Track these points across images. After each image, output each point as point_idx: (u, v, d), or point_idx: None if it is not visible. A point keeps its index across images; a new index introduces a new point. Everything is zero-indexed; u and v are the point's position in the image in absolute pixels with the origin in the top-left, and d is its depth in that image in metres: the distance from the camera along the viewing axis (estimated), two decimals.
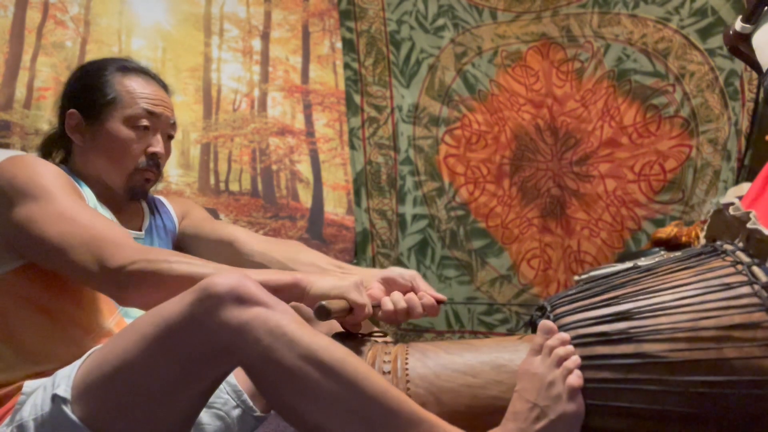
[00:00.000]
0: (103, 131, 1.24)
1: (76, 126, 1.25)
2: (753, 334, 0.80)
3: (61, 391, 0.92)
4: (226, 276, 0.87)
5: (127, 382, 0.89)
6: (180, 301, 0.88)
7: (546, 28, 2.53)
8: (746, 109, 2.30)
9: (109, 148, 1.24)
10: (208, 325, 0.85)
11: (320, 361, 0.84)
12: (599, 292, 0.96)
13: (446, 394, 0.95)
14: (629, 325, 0.87)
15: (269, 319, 0.85)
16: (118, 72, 1.27)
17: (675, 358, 0.82)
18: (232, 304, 0.85)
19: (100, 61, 1.32)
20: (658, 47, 2.40)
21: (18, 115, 2.23)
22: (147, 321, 0.90)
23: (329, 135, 2.67)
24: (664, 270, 0.95)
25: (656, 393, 0.82)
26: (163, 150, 1.28)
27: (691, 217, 2.35)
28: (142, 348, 0.88)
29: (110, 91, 1.24)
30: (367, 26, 2.65)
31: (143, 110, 1.25)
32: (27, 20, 2.31)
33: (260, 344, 0.84)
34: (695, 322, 0.83)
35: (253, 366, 0.87)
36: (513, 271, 2.57)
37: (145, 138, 1.26)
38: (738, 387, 0.79)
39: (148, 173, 1.28)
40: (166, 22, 2.52)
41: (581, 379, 0.87)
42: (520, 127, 2.57)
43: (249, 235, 1.43)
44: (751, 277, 0.85)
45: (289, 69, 2.69)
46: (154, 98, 1.27)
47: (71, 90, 1.29)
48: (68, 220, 1.04)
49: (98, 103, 1.24)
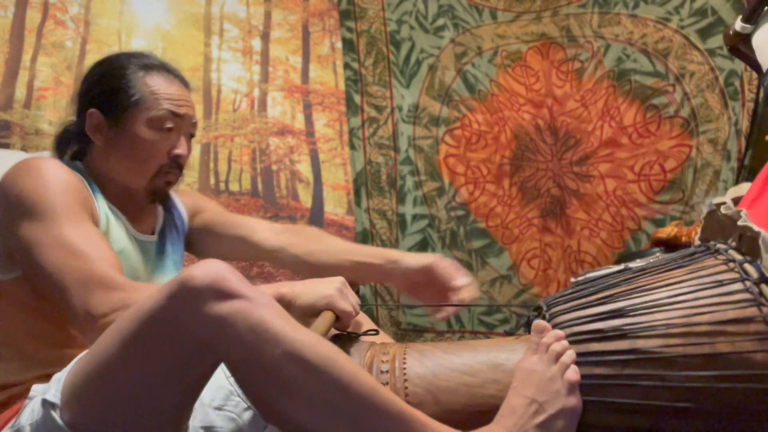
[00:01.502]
0: (126, 133, 1.20)
1: (96, 126, 1.21)
2: (746, 328, 0.81)
3: (51, 396, 0.89)
4: (205, 267, 0.83)
5: (110, 383, 0.86)
6: (158, 296, 0.84)
7: (546, 28, 2.53)
8: (746, 109, 2.30)
9: (131, 151, 1.20)
10: (187, 320, 0.81)
11: (304, 360, 0.80)
12: (594, 291, 0.97)
13: (444, 393, 0.95)
14: (624, 322, 0.88)
15: (251, 314, 0.81)
16: (140, 70, 1.22)
17: (669, 353, 0.82)
18: (212, 298, 0.81)
19: (121, 57, 1.26)
20: (658, 47, 2.40)
21: (18, 115, 2.24)
22: (126, 318, 0.87)
23: (329, 135, 2.68)
24: (657, 269, 0.97)
25: (651, 388, 0.82)
26: (186, 152, 1.25)
27: (691, 217, 2.35)
28: (122, 347, 0.85)
29: (133, 91, 1.20)
30: (367, 26, 2.65)
31: (168, 112, 1.21)
32: (27, 20, 2.32)
33: (241, 341, 0.80)
34: (689, 318, 0.84)
35: (234, 363, 0.84)
36: (513, 271, 2.57)
37: (169, 139, 1.22)
38: (732, 381, 0.79)
39: (170, 176, 1.24)
40: (166, 22, 2.53)
41: (578, 374, 0.86)
42: (520, 127, 2.57)
43: (266, 229, 1.41)
44: (743, 273, 0.86)
45: (289, 69, 2.69)
46: (178, 98, 1.23)
47: (91, 88, 1.24)
48: (67, 250, 1.02)
49: (121, 105, 1.20)
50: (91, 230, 1.08)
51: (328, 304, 1.05)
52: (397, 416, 0.82)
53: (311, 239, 1.41)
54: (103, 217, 1.17)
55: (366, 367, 1.00)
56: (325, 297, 1.05)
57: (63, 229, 1.04)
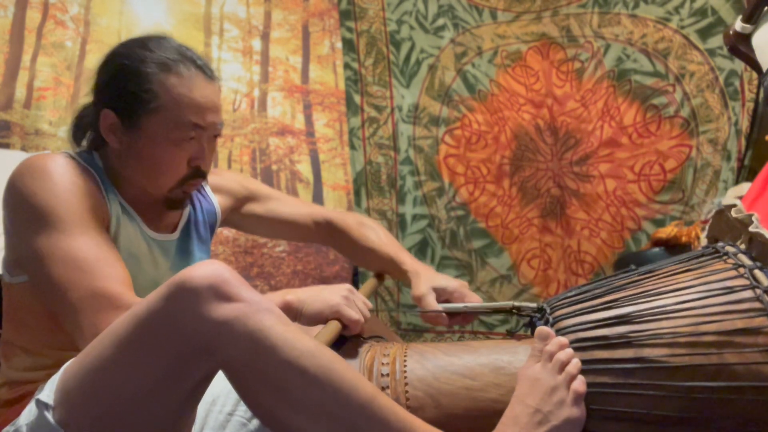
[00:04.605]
0: (144, 141, 1.10)
1: (110, 127, 1.11)
2: (754, 339, 0.80)
3: (44, 396, 0.88)
4: (204, 269, 0.80)
5: (104, 384, 0.84)
6: (155, 297, 0.82)
7: (546, 28, 2.53)
8: (746, 109, 2.30)
9: (148, 160, 1.11)
10: (185, 323, 0.79)
11: (303, 369, 0.78)
12: (599, 294, 0.95)
13: (445, 396, 0.95)
14: (629, 329, 0.87)
15: (249, 320, 0.78)
16: (160, 69, 1.09)
17: (675, 363, 0.81)
18: (210, 300, 0.78)
19: (138, 49, 1.11)
20: (658, 47, 2.40)
21: (18, 115, 2.23)
22: (123, 319, 0.84)
23: (329, 135, 2.67)
24: (664, 272, 0.94)
25: (656, 398, 0.82)
26: (208, 162, 1.16)
27: (691, 217, 2.35)
28: (118, 348, 0.83)
29: (152, 96, 1.08)
30: (367, 26, 2.65)
31: (190, 123, 1.10)
32: (27, 20, 2.31)
33: (239, 347, 0.78)
34: (696, 326, 0.82)
35: (232, 369, 0.82)
36: (513, 271, 2.57)
37: (189, 148, 1.12)
38: (739, 393, 0.78)
39: (191, 186, 1.17)
40: (166, 22, 2.52)
41: (585, 385, 0.86)
42: (520, 127, 2.57)
43: (305, 212, 1.42)
44: (753, 281, 0.84)
45: (289, 69, 2.69)
46: (202, 106, 1.11)
47: (105, 86, 1.13)
48: (75, 265, 0.98)
49: (138, 110, 1.09)
50: (101, 241, 1.04)
51: (335, 312, 1.04)
52: (398, 426, 0.81)
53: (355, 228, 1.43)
54: (114, 219, 1.12)
55: (367, 370, 0.99)
56: (332, 306, 1.04)
57: (71, 242, 1.00)
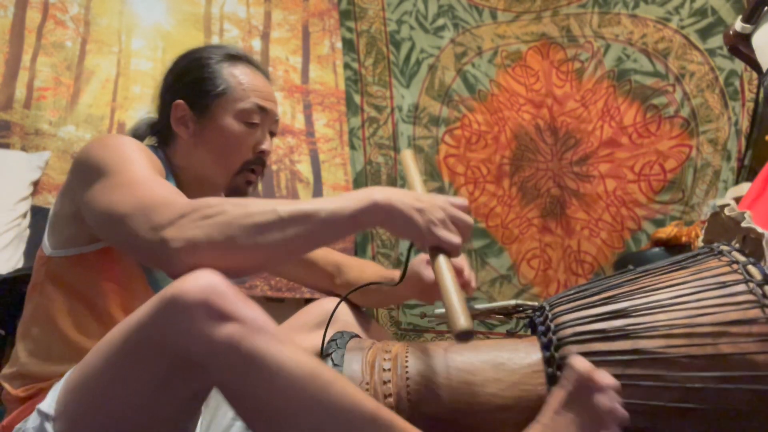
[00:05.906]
0: (214, 125, 1.16)
1: (182, 118, 1.17)
2: (749, 329, 0.81)
3: (45, 406, 0.86)
4: (198, 281, 0.76)
5: (100, 397, 0.82)
6: (147, 309, 0.78)
7: (546, 28, 2.54)
8: (746, 109, 2.30)
9: (218, 143, 1.16)
10: (176, 338, 0.76)
11: (301, 394, 0.75)
12: (597, 291, 0.96)
13: (445, 391, 0.95)
14: (626, 322, 0.87)
15: (242, 342, 0.74)
16: (225, 61, 1.19)
17: (672, 354, 0.82)
18: (203, 319, 0.74)
19: (201, 49, 1.23)
20: (658, 47, 2.41)
21: (18, 115, 2.23)
22: (115, 332, 0.82)
23: (329, 135, 2.67)
24: (660, 270, 0.96)
25: (653, 389, 0.82)
26: (271, 148, 1.21)
27: (691, 217, 2.35)
28: (110, 362, 0.81)
29: (220, 81, 1.17)
30: (367, 26, 2.65)
31: (255, 105, 1.18)
32: (27, 20, 2.32)
33: (234, 372, 0.75)
34: (692, 318, 0.83)
35: (226, 391, 0.78)
36: (513, 271, 2.57)
37: (254, 134, 1.19)
38: (734, 382, 0.79)
39: (252, 174, 1.21)
40: (166, 22, 2.53)
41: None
42: (520, 127, 2.57)
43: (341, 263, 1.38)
44: (746, 275, 0.86)
45: (289, 69, 2.69)
46: (264, 92, 1.20)
47: (176, 81, 1.20)
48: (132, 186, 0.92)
49: (208, 95, 1.16)
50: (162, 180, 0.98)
51: (434, 238, 0.91)
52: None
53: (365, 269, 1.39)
54: None
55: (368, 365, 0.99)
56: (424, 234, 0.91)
57: (131, 174, 0.95)
